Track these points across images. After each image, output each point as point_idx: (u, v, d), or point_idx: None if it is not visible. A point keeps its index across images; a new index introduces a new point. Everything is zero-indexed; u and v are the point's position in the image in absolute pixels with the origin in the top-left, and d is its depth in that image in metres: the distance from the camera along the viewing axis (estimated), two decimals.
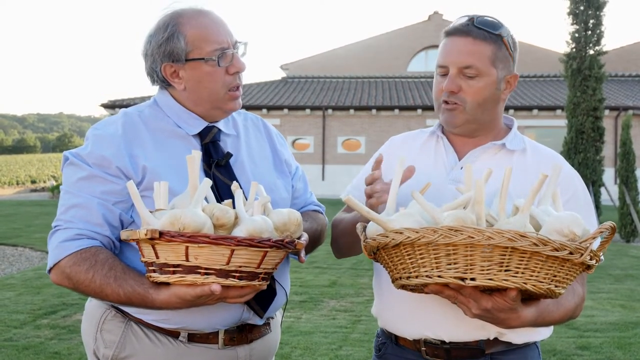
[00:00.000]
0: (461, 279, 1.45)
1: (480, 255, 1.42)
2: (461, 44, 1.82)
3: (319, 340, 5.81)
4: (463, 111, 1.84)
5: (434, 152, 1.96)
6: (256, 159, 2.03)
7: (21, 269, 9.98)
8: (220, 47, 1.84)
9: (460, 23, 1.84)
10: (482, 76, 1.81)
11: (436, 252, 1.46)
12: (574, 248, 1.43)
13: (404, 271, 1.54)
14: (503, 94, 1.87)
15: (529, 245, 1.39)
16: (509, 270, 1.43)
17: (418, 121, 26.42)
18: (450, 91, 1.83)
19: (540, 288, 1.46)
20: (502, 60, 1.83)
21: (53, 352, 5.44)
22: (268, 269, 1.62)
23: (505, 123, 1.99)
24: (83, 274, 1.69)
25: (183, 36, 1.83)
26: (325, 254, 10.59)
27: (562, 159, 1.92)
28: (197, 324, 1.84)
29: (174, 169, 1.83)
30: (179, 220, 1.50)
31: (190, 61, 1.85)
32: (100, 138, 1.83)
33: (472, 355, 1.80)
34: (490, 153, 1.90)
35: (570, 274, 1.49)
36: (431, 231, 1.44)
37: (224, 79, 1.87)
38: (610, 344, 5.76)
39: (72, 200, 1.78)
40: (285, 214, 1.67)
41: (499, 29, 1.82)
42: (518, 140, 1.93)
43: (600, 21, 16.90)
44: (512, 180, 1.77)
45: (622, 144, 14.08)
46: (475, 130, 1.90)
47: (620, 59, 32.10)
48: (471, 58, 1.80)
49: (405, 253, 1.51)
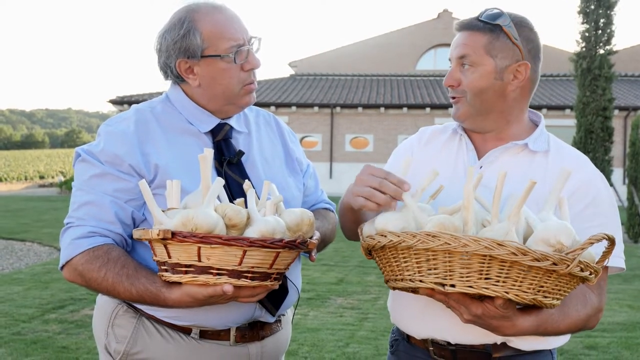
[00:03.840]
0: (441, 285, 1.44)
1: (459, 262, 1.41)
2: (459, 38, 1.82)
3: (326, 338, 5.82)
4: (465, 103, 1.82)
5: (455, 151, 1.92)
6: (268, 156, 2.03)
7: (29, 263, 10.03)
8: (236, 44, 1.84)
9: (467, 18, 1.84)
10: (477, 66, 1.78)
11: (417, 257, 1.46)
12: (558, 259, 1.37)
13: (391, 273, 1.55)
14: (511, 85, 1.80)
15: (507, 255, 1.36)
16: (489, 278, 1.41)
17: (426, 119, 26.35)
18: (449, 85, 1.83)
19: (524, 298, 1.42)
20: (501, 49, 1.77)
21: (61, 347, 5.47)
22: (280, 269, 1.62)
23: (532, 119, 1.93)
24: (95, 271, 1.70)
25: (199, 32, 1.82)
26: (333, 252, 10.60)
27: (584, 162, 1.84)
28: (209, 321, 1.84)
29: (185, 167, 1.83)
30: (192, 221, 1.50)
31: (205, 57, 1.84)
32: (112, 135, 1.83)
33: (479, 358, 1.78)
34: (511, 153, 1.84)
35: (561, 285, 1.45)
36: (410, 236, 1.44)
37: (239, 75, 1.87)
38: (618, 344, 5.74)
39: (84, 197, 1.79)
40: (298, 214, 1.66)
41: (497, 18, 1.78)
42: (542, 140, 1.86)
43: (610, 20, 16.80)
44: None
45: (631, 144, 13.99)
46: (483, 123, 1.85)
47: (631, 58, 31.92)
48: (465, 49, 1.78)
49: (391, 256, 1.52)
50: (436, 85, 29.97)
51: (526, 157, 1.83)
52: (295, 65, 34.57)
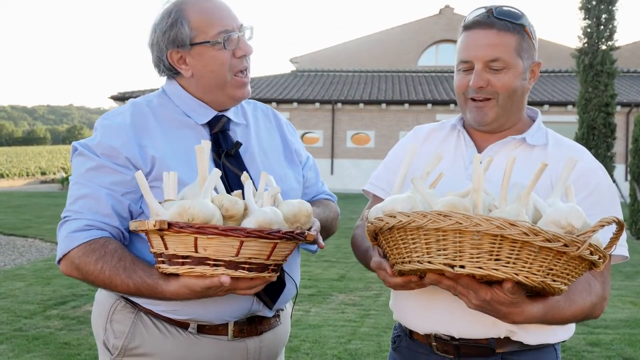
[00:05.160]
0: (450, 266, 1.42)
1: (469, 242, 1.39)
2: (484, 37, 1.76)
3: (328, 334, 5.81)
4: (495, 105, 1.79)
5: (454, 147, 1.91)
6: (266, 148, 2.02)
7: (31, 259, 10.04)
8: (224, 30, 1.84)
9: (479, 15, 1.79)
10: (510, 68, 1.76)
11: (427, 237, 1.44)
12: (569, 240, 1.36)
13: (399, 256, 1.53)
14: (529, 84, 1.83)
15: (518, 235, 1.35)
16: (499, 259, 1.39)
17: (428, 116, 26.35)
18: (479, 87, 1.77)
19: (534, 280, 1.41)
20: (526, 50, 1.78)
21: (63, 343, 5.47)
22: (278, 260, 1.60)
23: (529, 115, 1.94)
24: (92, 264, 1.69)
25: (187, 21, 1.82)
26: (334, 248, 10.60)
27: (584, 151, 1.86)
28: (206, 315, 1.83)
29: (183, 159, 1.82)
30: (188, 211, 1.48)
31: (195, 45, 1.84)
32: (108, 128, 1.82)
33: (482, 353, 1.77)
34: (510, 148, 1.84)
35: (570, 269, 1.44)
36: (421, 215, 1.42)
37: (231, 62, 1.86)
38: (621, 341, 5.73)
39: (81, 190, 1.78)
40: (295, 205, 1.65)
41: (520, 18, 1.77)
42: (540, 134, 1.86)
43: (612, 16, 16.80)
44: (531, 174, 1.74)
45: (633, 141, 13.95)
46: (504, 124, 1.84)
47: (633, 54, 31.88)
48: (497, 50, 1.74)
49: (399, 237, 1.50)
50: (438, 81, 29.96)
51: (525, 151, 1.83)
52: (296, 62, 34.56)
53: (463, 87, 1.82)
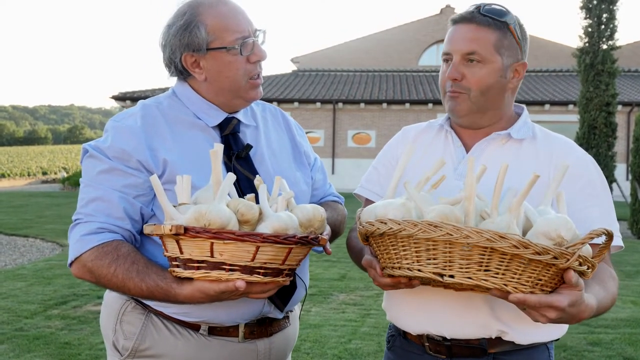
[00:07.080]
0: (440, 275, 1.43)
1: (459, 252, 1.40)
2: (465, 31, 1.79)
3: (329, 334, 5.82)
4: (467, 99, 1.80)
5: (442, 147, 1.92)
6: (275, 150, 2.01)
7: (32, 259, 10.05)
8: (241, 36, 1.83)
9: (466, 11, 1.82)
10: (486, 63, 1.77)
11: (417, 246, 1.44)
12: (559, 253, 1.37)
13: (389, 261, 1.53)
14: (510, 83, 1.82)
15: (508, 247, 1.35)
16: (488, 270, 1.40)
17: (429, 115, 26.34)
18: (453, 79, 1.79)
19: (523, 291, 1.41)
20: (507, 48, 1.79)
21: (63, 343, 5.47)
22: (292, 265, 1.61)
23: (516, 112, 1.94)
24: (105, 268, 1.68)
25: (204, 26, 1.81)
26: (335, 248, 10.52)
27: (574, 146, 1.87)
28: (217, 317, 1.83)
29: (194, 162, 1.81)
30: (205, 217, 1.48)
31: (211, 50, 1.83)
32: (120, 130, 1.82)
33: (474, 354, 1.78)
34: (497, 144, 1.85)
35: (558, 278, 1.43)
36: (412, 225, 1.43)
37: (245, 67, 1.86)
38: (621, 340, 5.73)
39: (93, 193, 1.77)
40: (309, 210, 1.65)
41: (504, 16, 1.78)
42: (526, 128, 1.87)
43: (613, 15, 16.79)
44: (522, 169, 1.75)
45: (634, 140, 13.94)
46: (480, 120, 1.85)
47: (634, 54, 31.86)
48: (474, 44, 1.76)
49: (390, 243, 1.50)
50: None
51: (513, 146, 1.84)
52: (297, 61, 34.55)
53: (444, 78, 1.84)
